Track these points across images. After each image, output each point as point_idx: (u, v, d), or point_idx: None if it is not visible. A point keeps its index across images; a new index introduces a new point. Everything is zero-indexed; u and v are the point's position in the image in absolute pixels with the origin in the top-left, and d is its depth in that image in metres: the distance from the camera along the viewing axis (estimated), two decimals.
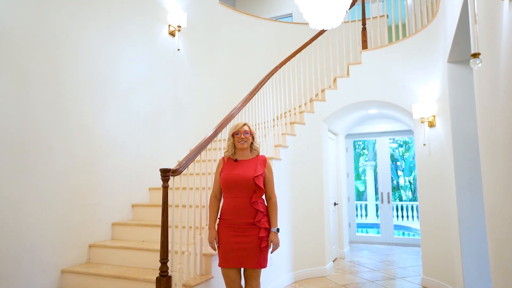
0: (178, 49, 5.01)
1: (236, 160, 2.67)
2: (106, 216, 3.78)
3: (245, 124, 2.69)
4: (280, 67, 4.75)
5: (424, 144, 4.31)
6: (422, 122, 4.33)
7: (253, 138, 2.71)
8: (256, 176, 2.54)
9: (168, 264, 2.62)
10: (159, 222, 3.69)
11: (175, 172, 2.74)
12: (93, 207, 3.63)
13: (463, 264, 3.35)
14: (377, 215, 12.84)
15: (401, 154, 17.12)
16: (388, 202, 7.47)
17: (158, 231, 3.55)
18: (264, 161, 2.69)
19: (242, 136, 2.63)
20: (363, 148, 17.13)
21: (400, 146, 17.04)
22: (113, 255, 3.41)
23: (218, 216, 2.65)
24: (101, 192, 3.73)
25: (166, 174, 2.65)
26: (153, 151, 4.53)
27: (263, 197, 2.66)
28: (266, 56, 6.44)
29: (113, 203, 3.88)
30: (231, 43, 6.32)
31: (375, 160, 16.70)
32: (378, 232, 10.93)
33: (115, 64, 4.04)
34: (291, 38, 6.48)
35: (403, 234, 10.31)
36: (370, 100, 4.99)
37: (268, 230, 2.56)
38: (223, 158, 2.75)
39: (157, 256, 3.13)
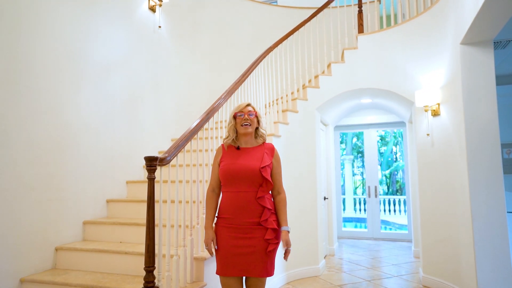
0: (159, 26, 4.49)
1: (238, 148, 2.25)
2: (76, 214, 3.25)
3: (249, 104, 2.27)
4: (275, 48, 4.34)
5: (428, 134, 4.03)
6: (425, 111, 4.05)
7: (258, 122, 2.29)
8: (263, 167, 2.13)
9: (154, 272, 2.17)
10: (139, 220, 3.25)
11: (163, 161, 2.28)
12: (60, 203, 3.09)
13: (477, 264, 3.09)
14: (354, 209, 12.79)
15: (378, 148, 17.22)
16: (376, 196, 7.26)
17: (137, 231, 3.11)
18: (272, 150, 2.28)
19: (246, 117, 2.21)
20: (341, 142, 17.11)
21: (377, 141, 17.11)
22: (85, 260, 2.90)
23: (216, 215, 2.21)
24: (70, 186, 3.20)
25: (152, 163, 2.18)
26: (131, 140, 4.01)
27: (270, 192, 2.25)
28: (252, 40, 5.99)
29: (85, 198, 3.35)
30: (216, 25, 5.83)
31: (352, 154, 16.74)
32: (355, 226, 10.83)
33: (88, 39, 3.49)
34: (279, 22, 6.05)
35: (383, 228, 10.24)
36: (367, 87, 4.66)
37: (276, 231, 2.14)
38: (222, 145, 2.32)
39: (137, 260, 2.69)
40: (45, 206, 2.95)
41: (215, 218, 2.22)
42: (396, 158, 16.94)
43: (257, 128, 2.29)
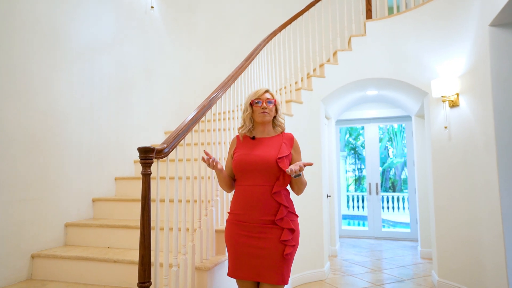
0: (152, 7, 4.07)
1: (253, 138, 2.00)
2: (57, 215, 2.83)
3: (267, 91, 2.02)
4: (279, 31, 3.98)
5: (446, 127, 3.72)
6: (443, 102, 3.73)
7: (276, 110, 2.03)
8: (280, 158, 1.86)
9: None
10: (130, 222, 2.84)
11: (160, 153, 1.90)
12: (37, 203, 2.67)
13: (508, 270, 2.78)
14: (348, 207, 12.59)
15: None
16: (377, 193, 6.97)
17: (128, 234, 2.71)
18: (291, 140, 2.02)
19: (264, 105, 1.96)
20: None
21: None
22: (66, 269, 2.49)
23: (228, 210, 1.95)
24: (49, 183, 2.78)
25: (148, 155, 1.79)
26: (120, 132, 3.60)
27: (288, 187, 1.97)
28: (251, 28, 5.61)
29: (67, 197, 2.94)
30: (213, 10, 5.43)
31: (345, 150, 16.52)
32: (349, 224, 10.58)
33: (70, 15, 3.06)
34: (279, 9, 5.66)
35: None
36: (376, 77, 4.33)
37: (294, 232, 1.85)
38: (237, 136, 2.08)
39: (128, 269, 2.31)
40: (19, 207, 2.53)
41: (227, 214, 2.00)
42: (388, 154, 16.78)
43: (274, 117, 2.04)
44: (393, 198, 11.49)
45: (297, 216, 1.97)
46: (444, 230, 3.79)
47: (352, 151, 16.92)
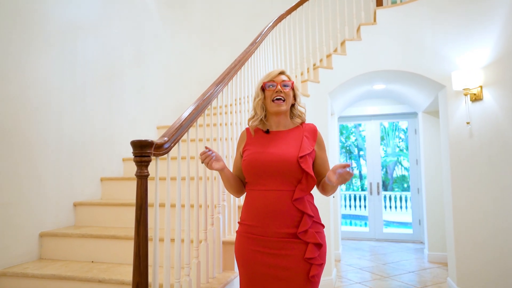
0: None
1: (268, 132, 1.60)
2: (30, 223, 2.38)
3: (282, 72, 1.61)
4: (286, 16, 3.60)
5: (468, 122, 3.40)
6: (465, 95, 3.42)
7: (295, 97, 1.62)
8: (301, 157, 1.47)
9: None
10: (118, 230, 2.41)
11: (160, 148, 1.49)
12: (5, 209, 2.22)
13: None
14: (340, 206, 12.36)
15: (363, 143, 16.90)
16: (378, 193, 6.67)
17: (116, 246, 2.28)
18: (313, 133, 1.61)
19: (279, 88, 1.55)
20: None
21: (361, 136, 16.83)
22: None
23: (238, 220, 1.59)
24: (21, 185, 2.33)
25: (144, 151, 1.38)
26: (107, 126, 3.16)
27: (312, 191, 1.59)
28: (250, 15, 5.21)
29: (43, 202, 2.49)
30: None
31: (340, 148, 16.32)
32: (344, 224, 10.34)
33: None
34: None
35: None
36: (387, 69, 3.99)
37: (321, 248, 1.47)
38: (246, 129, 1.67)
39: None
40: None
41: (237, 225, 1.59)
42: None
43: (293, 105, 1.64)
44: (385, 197, 11.27)
45: (323, 226, 1.60)
46: (464, 235, 3.47)
47: (344, 150, 16.77)
